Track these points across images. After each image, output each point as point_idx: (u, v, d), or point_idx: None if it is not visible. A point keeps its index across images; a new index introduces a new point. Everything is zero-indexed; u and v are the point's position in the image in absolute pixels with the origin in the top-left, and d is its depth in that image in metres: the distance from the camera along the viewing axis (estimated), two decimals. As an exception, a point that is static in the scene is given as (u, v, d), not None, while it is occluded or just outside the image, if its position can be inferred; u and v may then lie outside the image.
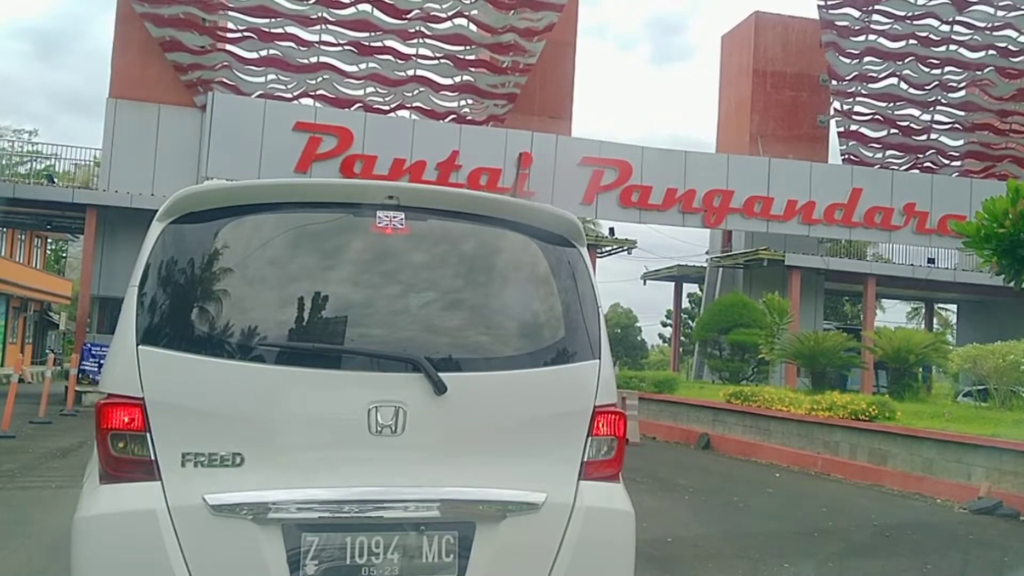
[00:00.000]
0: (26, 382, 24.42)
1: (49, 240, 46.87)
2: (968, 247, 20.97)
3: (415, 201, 3.46)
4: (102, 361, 20.54)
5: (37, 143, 44.30)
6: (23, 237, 41.30)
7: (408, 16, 28.71)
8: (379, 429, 3.16)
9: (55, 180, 28.35)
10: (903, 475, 12.12)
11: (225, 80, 27.71)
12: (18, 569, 6.05)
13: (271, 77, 28.25)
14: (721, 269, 34.22)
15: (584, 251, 3.72)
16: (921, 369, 21.75)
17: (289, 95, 28.42)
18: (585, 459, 3.42)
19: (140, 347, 3.16)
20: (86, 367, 20.74)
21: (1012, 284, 18.64)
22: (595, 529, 3.37)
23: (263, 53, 28.06)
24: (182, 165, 25.77)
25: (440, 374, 3.20)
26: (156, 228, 3.37)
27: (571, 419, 3.45)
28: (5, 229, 37.13)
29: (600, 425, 3.47)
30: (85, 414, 17.74)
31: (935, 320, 47.35)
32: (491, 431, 3.36)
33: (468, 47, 29.86)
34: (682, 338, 45.12)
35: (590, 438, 3.44)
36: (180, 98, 26.83)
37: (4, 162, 34.86)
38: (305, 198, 3.46)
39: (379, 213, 3.38)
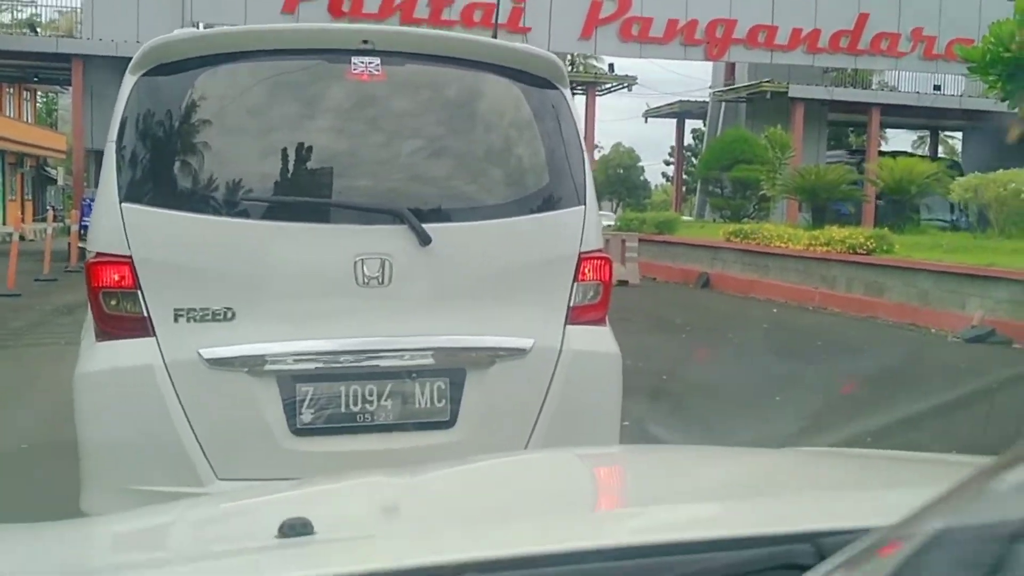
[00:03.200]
0: (27, 239, 24.51)
1: (39, 93, 46.01)
2: (974, 73, 20.63)
3: (391, 45, 3.36)
4: (103, 215, 20.55)
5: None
6: (11, 91, 40.53)
7: None
8: (366, 281, 3.19)
9: (37, 30, 27.55)
10: (899, 307, 12.29)
11: (202, -84, 26.43)
12: (29, 424, 6.25)
13: (254, -88, 26.94)
14: (724, 104, 33.59)
15: (567, 93, 3.65)
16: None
17: (274, -68, 27.16)
18: (571, 304, 3.46)
19: (123, 204, 3.16)
20: (87, 222, 20.74)
21: (1017, 109, 18.46)
22: (582, 371, 3.44)
23: None
24: (166, 9, 24.93)
25: (424, 225, 3.20)
26: (129, 81, 3.31)
27: (557, 265, 3.46)
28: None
29: (586, 271, 3.50)
30: (90, 269, 17.91)
31: (940, 148, 46.87)
32: (478, 280, 3.39)
33: None
34: (685, 176, 44.85)
35: (576, 284, 3.47)
36: (161, -62, 25.68)
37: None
38: (278, 45, 3.39)
39: (354, 59, 3.29)
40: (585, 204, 3.53)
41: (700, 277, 17.51)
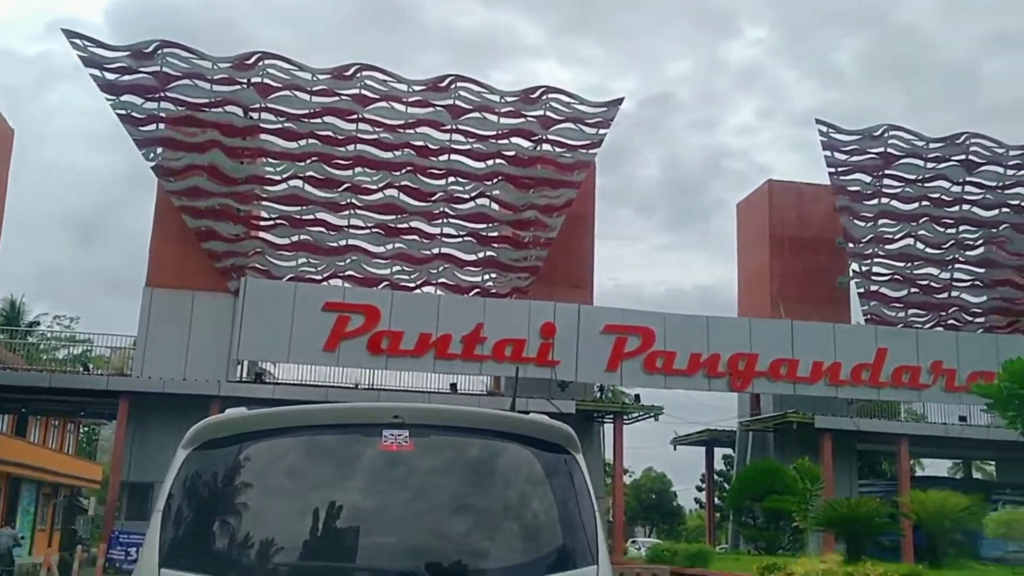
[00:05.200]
0: (52, 573, 24.22)
1: (82, 424, 47.36)
2: (992, 409, 20.94)
3: (419, 419, 3.71)
4: (130, 549, 20.44)
5: (75, 330, 45.64)
6: (56, 423, 41.83)
7: (433, 198, 29.96)
8: None
9: (90, 367, 29.06)
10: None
11: (257, 265, 28.77)
12: None
13: (302, 261, 29.30)
14: (751, 433, 33.82)
15: (580, 457, 3.93)
16: None
17: (319, 277, 29.37)
18: None
19: (162, 570, 3.38)
20: (113, 556, 20.68)
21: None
22: None
23: (294, 239, 29.22)
24: (214, 349, 26.42)
25: None
26: (180, 455, 3.65)
27: None
28: (40, 417, 37.66)
29: None
30: (111, 605, 17.60)
31: (978, 475, 46.20)
32: None
33: (491, 224, 30.93)
34: (718, 502, 44.15)
35: None
36: (214, 284, 27.79)
37: (42, 346, 35.88)
38: (317, 422, 3.74)
39: (385, 432, 3.62)
40: (598, 563, 3.70)
41: (736, 616, 16.83)
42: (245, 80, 28.74)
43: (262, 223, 29.69)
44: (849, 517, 19.18)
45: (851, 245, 33.33)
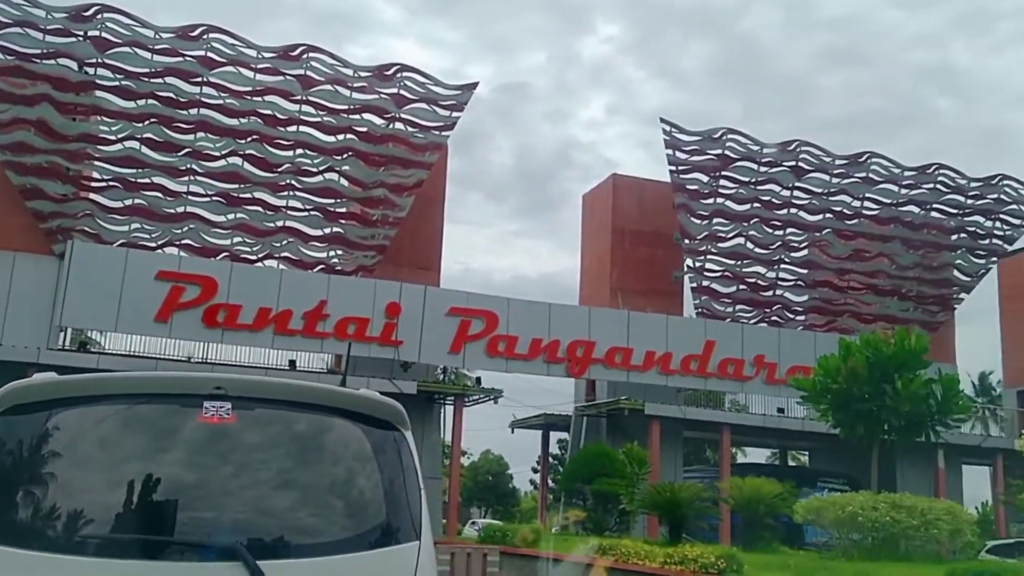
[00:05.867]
0: None
1: None
2: (807, 401, 22.32)
3: (242, 391, 3.61)
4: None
5: None
6: None
7: (279, 170, 29.20)
8: None
9: None
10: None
11: (86, 228, 27.30)
12: None
13: (135, 226, 27.98)
14: (586, 418, 34.78)
15: (409, 434, 3.94)
16: None
17: (153, 244, 28.14)
18: None
19: None
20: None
21: (846, 437, 19.92)
22: None
23: (128, 202, 27.88)
24: (35, 314, 24.93)
25: (262, 562, 3.30)
26: None
27: None
28: None
29: None
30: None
31: (793, 464, 49.04)
32: None
33: (339, 200, 30.46)
34: (552, 485, 45.12)
35: None
36: (37, 245, 26.23)
37: None
38: (134, 390, 3.60)
39: (206, 404, 3.51)
40: (420, 540, 3.73)
41: (563, 595, 17.27)
42: (82, 32, 27.15)
43: (93, 184, 28.20)
44: (672, 501, 20.07)
45: (687, 241, 34.70)
